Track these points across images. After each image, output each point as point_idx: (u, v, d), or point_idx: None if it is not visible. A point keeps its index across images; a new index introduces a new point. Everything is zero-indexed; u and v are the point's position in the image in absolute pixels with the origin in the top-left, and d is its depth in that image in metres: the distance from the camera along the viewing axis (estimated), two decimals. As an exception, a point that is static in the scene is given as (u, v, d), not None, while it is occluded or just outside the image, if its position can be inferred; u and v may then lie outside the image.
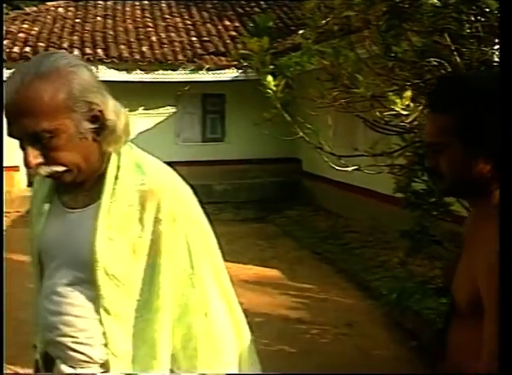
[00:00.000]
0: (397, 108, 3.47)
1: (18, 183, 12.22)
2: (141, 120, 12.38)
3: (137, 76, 11.72)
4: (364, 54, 4.36)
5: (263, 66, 3.68)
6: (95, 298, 1.62)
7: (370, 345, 5.27)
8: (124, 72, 11.65)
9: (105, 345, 1.64)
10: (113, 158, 1.65)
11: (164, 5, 14.80)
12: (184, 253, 1.65)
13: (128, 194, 1.63)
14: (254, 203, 11.92)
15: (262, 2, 15.17)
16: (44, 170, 1.55)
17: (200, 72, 11.82)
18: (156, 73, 11.73)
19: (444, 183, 1.62)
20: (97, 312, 1.63)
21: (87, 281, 1.63)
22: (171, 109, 12.56)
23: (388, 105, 3.60)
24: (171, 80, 11.74)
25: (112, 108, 1.59)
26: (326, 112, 4.49)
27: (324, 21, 4.13)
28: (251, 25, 11.81)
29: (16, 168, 12.20)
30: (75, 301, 1.64)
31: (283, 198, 12.07)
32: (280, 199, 12.02)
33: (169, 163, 1.72)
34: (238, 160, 12.78)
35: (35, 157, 1.52)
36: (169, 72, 11.73)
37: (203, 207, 1.73)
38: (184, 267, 1.65)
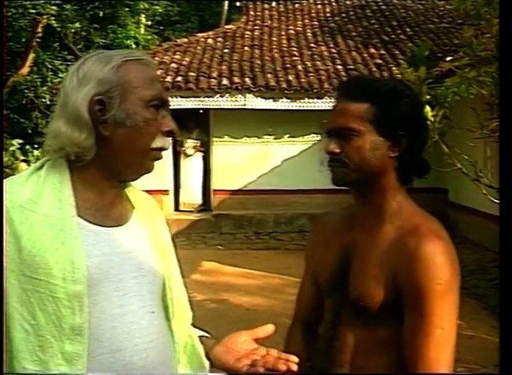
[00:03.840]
0: None
1: (166, 207, 12.72)
2: (286, 148, 12.65)
3: (283, 104, 11.91)
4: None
5: (419, 96, 3.63)
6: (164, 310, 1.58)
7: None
8: (270, 100, 11.90)
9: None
10: None
11: (309, 34, 15.00)
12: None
13: (141, 198, 1.64)
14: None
15: (408, 29, 14.98)
16: None
17: (346, 100, 11.82)
18: (302, 101, 11.86)
19: (347, 171, 1.70)
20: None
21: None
22: (315, 137, 12.64)
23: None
24: (316, 108, 11.76)
25: None
26: (478, 142, 4.35)
27: (482, 49, 4.02)
28: (410, 54, 11.64)
29: (165, 192, 12.73)
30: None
31: (428, 228, 11.71)
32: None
33: (312, 191, 1.78)
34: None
35: None
36: (315, 100, 11.82)
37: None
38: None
